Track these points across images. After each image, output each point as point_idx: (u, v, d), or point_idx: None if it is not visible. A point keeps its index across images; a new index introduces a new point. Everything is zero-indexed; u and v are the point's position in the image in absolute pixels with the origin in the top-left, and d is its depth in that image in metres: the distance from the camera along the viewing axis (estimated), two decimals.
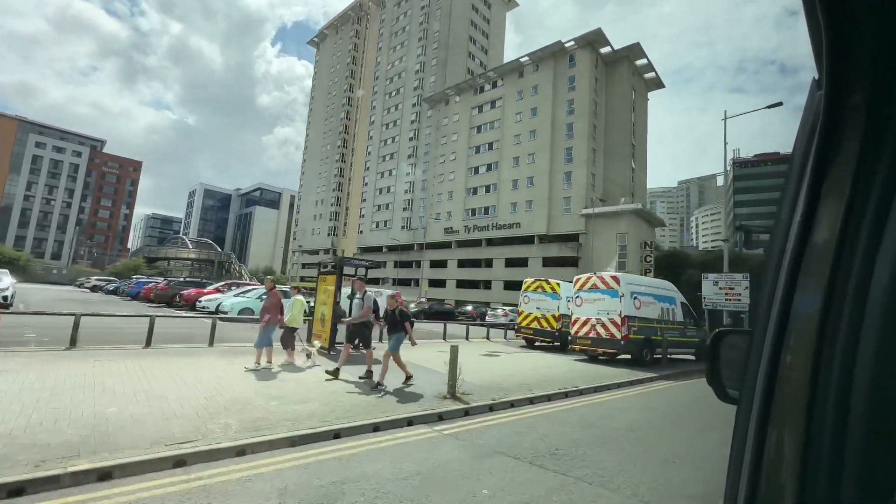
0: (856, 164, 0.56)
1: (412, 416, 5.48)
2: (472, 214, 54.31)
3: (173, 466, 3.59)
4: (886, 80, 0.52)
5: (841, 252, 0.58)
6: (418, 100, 64.92)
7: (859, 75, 0.53)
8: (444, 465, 4.11)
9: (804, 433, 0.56)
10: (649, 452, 4.98)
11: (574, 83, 47.05)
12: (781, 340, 0.63)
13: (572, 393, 7.96)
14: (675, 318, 13.62)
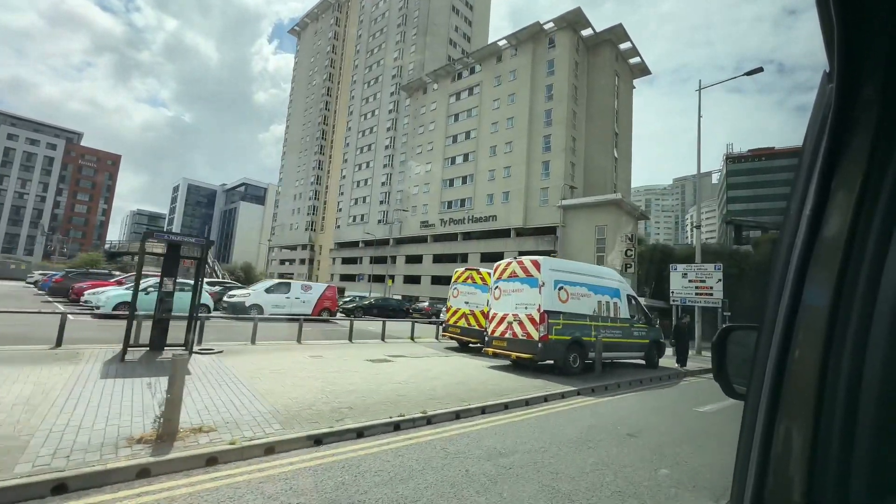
0: (867, 158, 0.55)
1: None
2: (449, 207, 51.60)
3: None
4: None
5: (851, 247, 0.57)
6: (397, 88, 62.16)
7: (872, 68, 0.53)
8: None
9: (813, 429, 0.55)
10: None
11: (553, 67, 44.35)
12: (790, 336, 0.63)
13: (406, 424, 5.26)
14: (619, 315, 10.95)
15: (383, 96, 65.06)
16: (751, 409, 0.67)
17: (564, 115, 42.52)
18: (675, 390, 9.40)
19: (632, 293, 11.66)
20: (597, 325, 10.18)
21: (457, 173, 51.48)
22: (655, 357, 11.79)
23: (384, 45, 66.89)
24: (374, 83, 67.59)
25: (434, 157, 54.46)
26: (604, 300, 10.58)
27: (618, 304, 10.94)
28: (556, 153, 42.62)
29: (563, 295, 9.66)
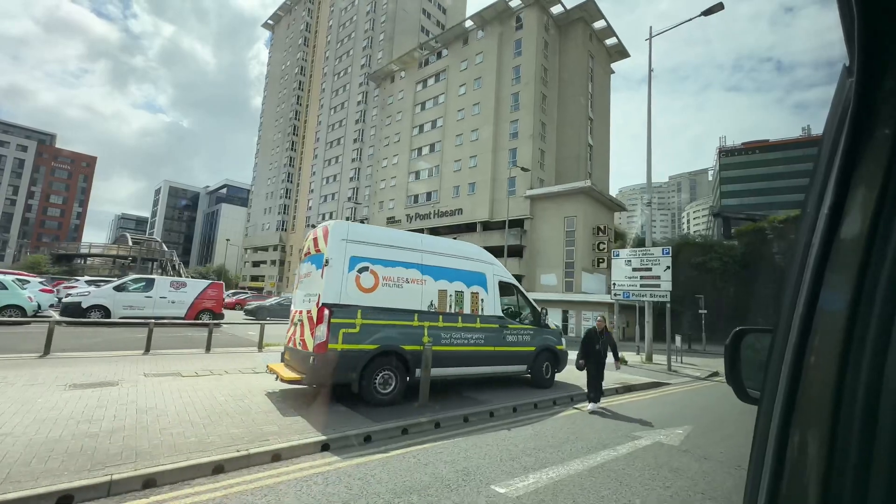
0: (889, 153, 0.53)
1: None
2: (415, 201, 48.21)
3: None
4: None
5: (871, 246, 0.55)
6: (365, 79, 58.94)
7: (894, 60, 0.51)
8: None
9: (829, 436, 0.53)
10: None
11: (521, 48, 41.04)
12: (806, 339, 0.62)
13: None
14: (483, 311, 7.50)
15: (352, 88, 61.88)
16: (764, 415, 0.65)
17: (532, 99, 39.18)
18: (532, 431, 5.96)
19: (510, 280, 8.21)
20: (434, 327, 6.72)
21: (423, 165, 48.12)
22: (548, 371, 8.32)
23: (353, 34, 63.76)
24: (343, 74, 64.43)
25: (401, 149, 51.14)
26: (452, 289, 7.12)
27: (480, 296, 7.49)
28: (523, 140, 39.25)
29: (366, 280, 6.22)
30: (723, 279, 33.25)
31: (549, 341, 8.43)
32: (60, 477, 3.22)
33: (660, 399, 8.39)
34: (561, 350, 8.66)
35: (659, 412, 7.09)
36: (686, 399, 8.60)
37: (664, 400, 8.32)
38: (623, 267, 14.11)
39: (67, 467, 3.39)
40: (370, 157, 56.42)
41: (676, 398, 8.62)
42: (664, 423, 6.31)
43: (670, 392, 9.29)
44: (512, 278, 8.29)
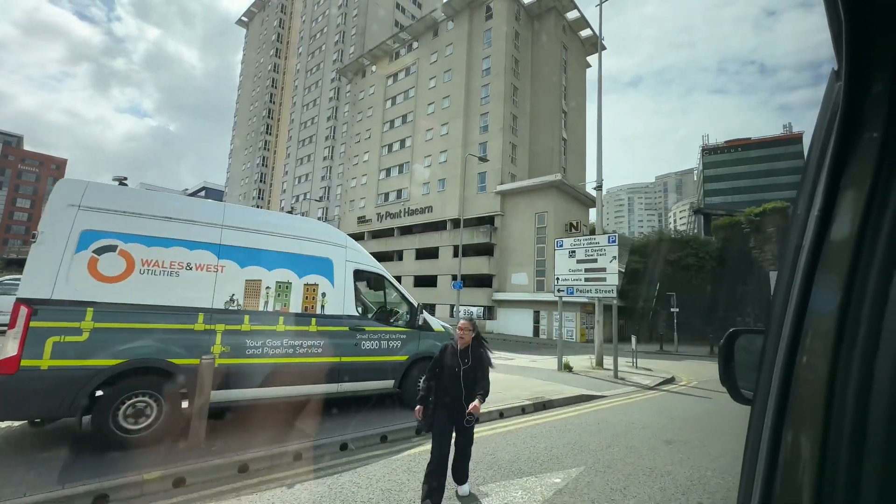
0: (878, 156, 0.54)
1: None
2: (385, 200, 46.25)
3: None
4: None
5: (861, 248, 0.55)
6: (337, 75, 56.97)
7: (881, 65, 0.52)
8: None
9: (821, 435, 0.54)
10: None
11: (491, 39, 39.44)
12: (798, 340, 0.63)
13: None
14: (326, 308, 5.59)
15: (324, 84, 59.86)
16: (758, 415, 0.66)
17: (503, 91, 37.54)
18: (326, 488, 4.06)
19: (374, 269, 6.31)
20: (235, 332, 4.80)
21: (394, 161, 46.24)
22: (418, 387, 6.41)
23: (326, 29, 61.81)
24: (315, 70, 62.40)
25: (371, 146, 49.20)
26: (271, 279, 5.21)
27: (320, 289, 5.57)
28: (493, 133, 37.57)
29: (109, 264, 4.29)
30: (699, 276, 31.79)
31: (432, 348, 6.53)
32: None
33: (573, 421, 6.54)
34: None
35: (555, 444, 5.25)
36: (607, 419, 6.78)
37: (578, 422, 6.48)
38: (566, 259, 12.32)
39: None
40: (342, 155, 54.41)
41: (596, 418, 6.79)
42: (548, 464, 4.47)
43: (596, 409, 7.46)
44: (377, 266, 6.38)
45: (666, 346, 24.36)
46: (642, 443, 5.38)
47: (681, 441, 5.52)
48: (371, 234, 46.96)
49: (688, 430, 6.09)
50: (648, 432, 5.90)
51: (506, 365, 13.12)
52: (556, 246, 12.71)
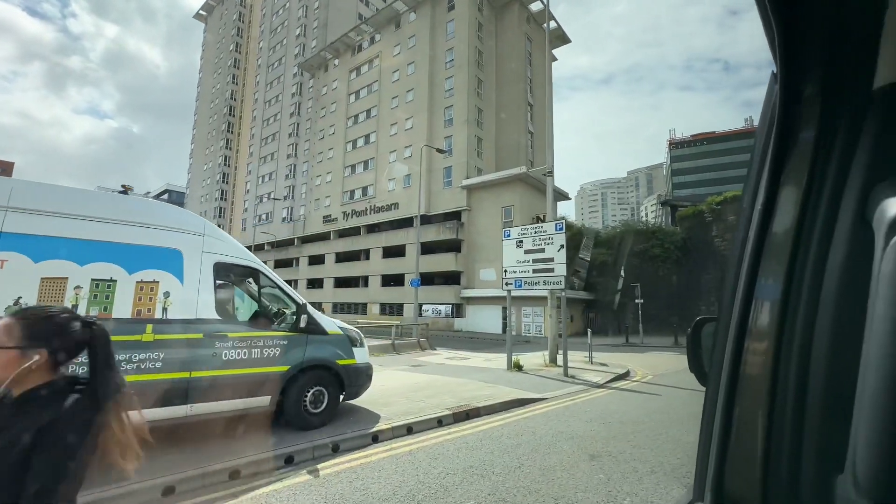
0: (812, 154, 0.58)
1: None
2: (351, 198, 44.76)
3: None
4: (837, 72, 0.55)
5: (799, 238, 0.60)
6: (299, 70, 54.92)
7: (812, 68, 0.56)
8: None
9: (768, 413, 0.60)
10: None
11: (454, 30, 38.50)
12: (745, 326, 0.67)
13: None
14: (169, 313, 4.44)
15: (286, 79, 57.69)
16: (711, 397, 0.71)
17: (466, 83, 36.68)
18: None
19: (245, 261, 5.18)
20: None
21: (358, 158, 44.79)
22: (319, 401, 5.34)
23: (287, 22, 59.57)
24: (277, 66, 60.09)
25: (336, 142, 47.58)
26: (84, 276, 4.03)
27: (161, 287, 4.43)
28: (458, 126, 36.67)
29: None
30: (665, 266, 31.75)
31: (324, 353, 5.46)
32: None
33: (494, 433, 5.61)
34: (349, 365, 5.71)
35: (455, 467, 4.29)
36: (534, 429, 5.90)
37: (498, 435, 5.57)
38: (514, 250, 11.45)
39: None
40: (306, 153, 52.50)
41: (521, 428, 5.91)
42: (429, 500, 3.48)
43: (527, 416, 6.55)
44: (249, 258, 5.25)
45: (632, 338, 24.00)
46: (561, 460, 4.47)
47: (608, 455, 4.64)
48: (337, 233, 45.41)
49: (621, 440, 5.24)
50: (574, 445, 5.01)
51: (455, 366, 12.18)
52: (504, 236, 11.84)
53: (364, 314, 40.07)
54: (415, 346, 17.56)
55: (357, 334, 6.11)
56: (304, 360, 5.26)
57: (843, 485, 0.49)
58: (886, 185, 0.51)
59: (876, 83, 0.53)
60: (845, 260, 0.55)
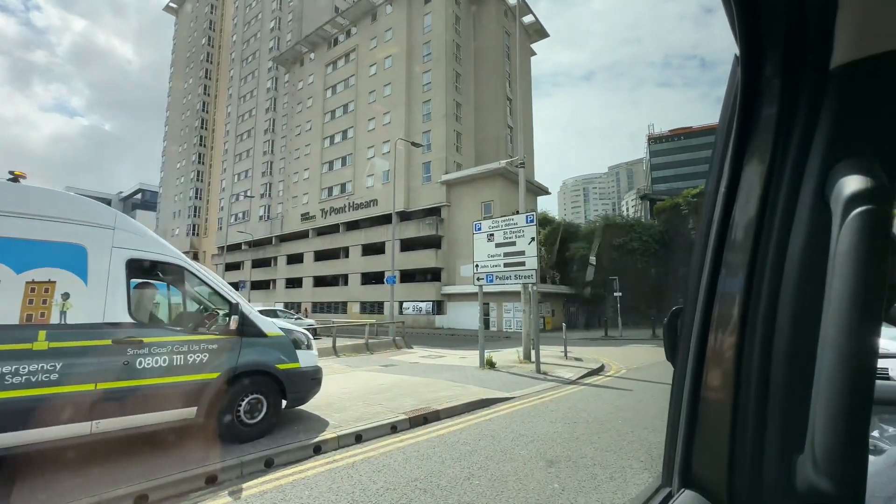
0: (774, 132, 0.59)
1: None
2: (329, 194, 43.84)
3: None
4: (796, 52, 0.55)
5: (762, 220, 0.60)
6: (274, 64, 53.43)
7: (771, 49, 0.57)
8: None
9: (732, 397, 0.61)
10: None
11: (431, 23, 37.89)
12: (710, 310, 0.68)
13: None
14: (68, 317, 3.89)
15: (261, 74, 56.10)
16: (678, 383, 0.72)
17: (444, 77, 36.16)
18: None
19: (164, 257, 4.64)
20: None
21: (336, 154, 43.86)
22: (257, 410, 4.85)
23: (260, 15, 57.89)
24: (251, 59, 58.40)
25: (313, 138, 46.50)
26: None
27: (58, 288, 3.87)
28: (436, 121, 36.16)
29: None
30: (644, 259, 31.95)
31: (262, 357, 4.96)
32: None
33: (451, 438, 5.23)
34: (292, 370, 5.23)
35: (397, 481, 3.89)
36: (495, 432, 5.56)
37: (455, 441, 5.21)
38: (485, 243, 11.07)
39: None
40: (282, 150, 51.19)
41: (481, 432, 5.56)
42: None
43: (490, 417, 6.18)
44: (171, 253, 4.70)
45: (611, 331, 24.01)
46: (516, 468, 4.10)
47: (567, 460, 4.29)
48: (316, 231, 44.47)
49: (584, 442, 4.90)
50: (533, 450, 4.64)
51: (427, 365, 11.78)
52: (475, 230, 11.46)
53: (344, 313, 39.35)
54: (390, 345, 17.10)
55: (303, 336, 5.63)
56: (238, 366, 4.75)
57: (803, 464, 0.50)
58: (843, 164, 0.51)
59: (833, 63, 0.53)
60: (806, 240, 0.55)
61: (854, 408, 0.45)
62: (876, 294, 0.45)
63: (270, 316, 19.08)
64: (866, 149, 0.52)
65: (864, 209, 0.46)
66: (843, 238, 0.47)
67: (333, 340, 14.91)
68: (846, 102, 0.54)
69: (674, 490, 0.70)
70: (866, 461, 0.48)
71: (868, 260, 0.45)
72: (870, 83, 0.52)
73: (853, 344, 0.45)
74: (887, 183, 0.49)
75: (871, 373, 0.46)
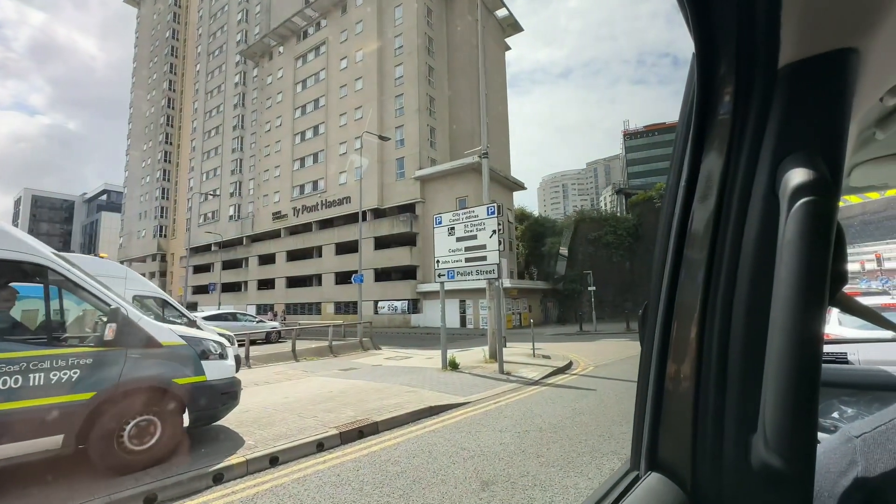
0: (729, 130, 0.61)
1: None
2: (301, 192, 42.52)
3: None
4: (747, 51, 0.57)
5: (719, 213, 0.62)
6: (242, 58, 51.53)
7: (724, 45, 0.59)
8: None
9: (694, 383, 0.63)
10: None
11: (402, 15, 37.01)
12: (672, 301, 0.70)
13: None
14: None
15: (228, 68, 54.07)
16: (643, 371, 0.74)
17: (416, 71, 35.36)
18: None
19: (25, 254, 3.85)
20: None
21: (308, 150, 42.55)
22: (149, 435, 4.11)
23: (227, 6, 55.73)
24: (218, 53, 56.22)
25: (283, 134, 45.02)
26: None
27: None
28: (409, 115, 35.36)
29: None
30: (618, 253, 31.99)
31: (154, 371, 4.22)
32: None
33: (383, 455, 4.63)
34: (196, 384, 4.50)
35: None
36: (434, 446, 5.00)
37: (387, 458, 4.63)
38: (446, 237, 10.46)
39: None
40: (252, 147, 49.45)
41: (420, 446, 4.99)
42: None
43: (435, 428, 5.59)
44: (29, 249, 3.90)
45: (586, 326, 23.81)
46: (444, 494, 3.50)
47: (505, 481, 3.72)
48: (288, 230, 43.12)
49: (530, 455, 4.35)
50: (471, 468, 4.06)
51: (389, 367, 11.13)
52: (435, 223, 10.82)
53: (318, 314, 38.24)
54: (356, 346, 16.35)
55: (214, 345, 4.88)
56: (121, 383, 3.99)
57: (756, 443, 0.53)
58: (790, 159, 0.54)
59: (780, 62, 0.56)
60: (758, 233, 0.57)
61: (801, 387, 0.47)
62: (820, 280, 0.48)
63: (224, 320, 18.04)
64: (811, 144, 0.54)
65: (807, 200, 0.48)
66: (788, 228, 0.49)
67: (293, 344, 14.08)
68: (792, 100, 0.56)
69: (641, 473, 0.73)
70: (815, 437, 0.50)
71: (811, 248, 0.47)
72: (813, 82, 0.55)
73: (798, 327, 0.47)
74: (829, 176, 0.51)
75: (816, 354, 0.48)
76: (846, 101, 0.54)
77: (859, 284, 18.54)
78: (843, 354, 4.44)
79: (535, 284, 34.74)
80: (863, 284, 18.67)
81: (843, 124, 0.54)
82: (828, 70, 0.54)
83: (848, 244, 0.57)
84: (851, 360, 4.39)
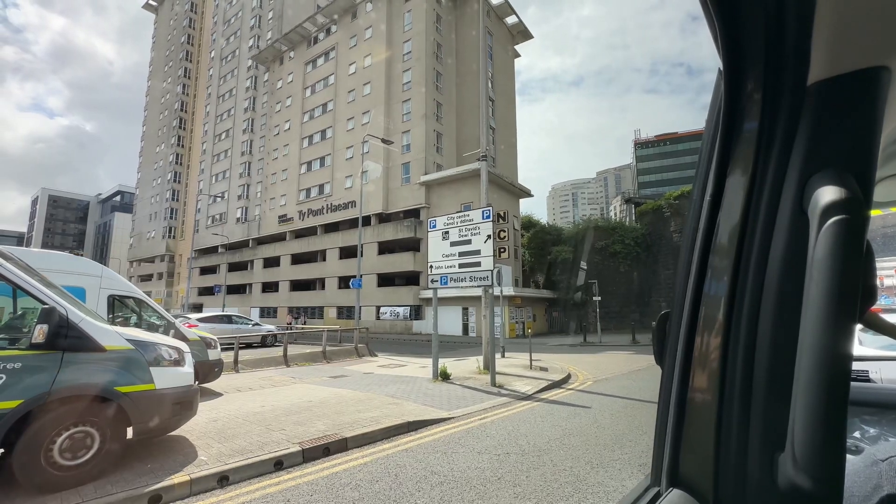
0: (755, 146, 0.61)
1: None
2: (307, 195, 42.54)
3: None
4: (775, 69, 0.58)
5: (745, 228, 0.62)
6: (254, 62, 52.14)
7: (752, 64, 0.59)
8: None
9: (718, 399, 0.63)
10: None
11: (411, 21, 37.06)
12: (696, 315, 0.69)
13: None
14: None
15: (240, 73, 54.74)
16: (665, 386, 0.74)
17: (424, 76, 35.26)
18: None
19: None
20: None
21: (315, 154, 42.64)
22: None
23: (241, 13, 56.58)
24: (231, 58, 56.99)
25: (291, 138, 45.23)
26: None
27: None
28: (416, 120, 35.21)
29: None
30: (626, 262, 31.25)
31: (93, 378, 3.84)
32: None
33: (344, 478, 4.19)
34: (144, 392, 4.11)
35: None
36: (402, 469, 4.57)
37: (346, 482, 4.21)
38: (440, 242, 10.06)
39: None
40: (261, 150, 49.79)
41: (387, 468, 4.56)
42: None
43: (409, 446, 5.13)
44: None
45: (591, 337, 23.12)
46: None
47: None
48: (293, 233, 43.10)
49: (505, 484, 3.88)
50: (436, 497, 3.60)
51: (380, 376, 10.70)
52: (429, 227, 10.44)
53: (321, 318, 37.98)
54: (351, 352, 15.94)
55: (169, 350, 4.50)
56: (53, 391, 3.63)
57: (784, 462, 0.52)
58: (819, 176, 0.54)
59: (810, 80, 0.56)
60: (785, 249, 0.57)
61: (830, 406, 0.46)
62: (850, 299, 0.47)
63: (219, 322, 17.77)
64: (841, 161, 0.54)
65: (839, 218, 0.48)
66: (819, 245, 0.48)
67: (284, 349, 13.73)
68: (822, 117, 0.56)
69: (662, 489, 0.71)
70: (843, 458, 0.49)
71: (843, 266, 0.47)
72: (843, 99, 0.55)
73: (829, 345, 0.46)
74: (860, 194, 0.51)
75: (846, 373, 0.47)
76: (877, 119, 0.54)
77: (880, 301, 17.68)
78: (864, 372, 4.05)
79: (541, 293, 34.09)
80: (883, 301, 17.81)
81: (874, 142, 0.54)
82: (858, 88, 0.53)
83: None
84: (873, 377, 3.98)
